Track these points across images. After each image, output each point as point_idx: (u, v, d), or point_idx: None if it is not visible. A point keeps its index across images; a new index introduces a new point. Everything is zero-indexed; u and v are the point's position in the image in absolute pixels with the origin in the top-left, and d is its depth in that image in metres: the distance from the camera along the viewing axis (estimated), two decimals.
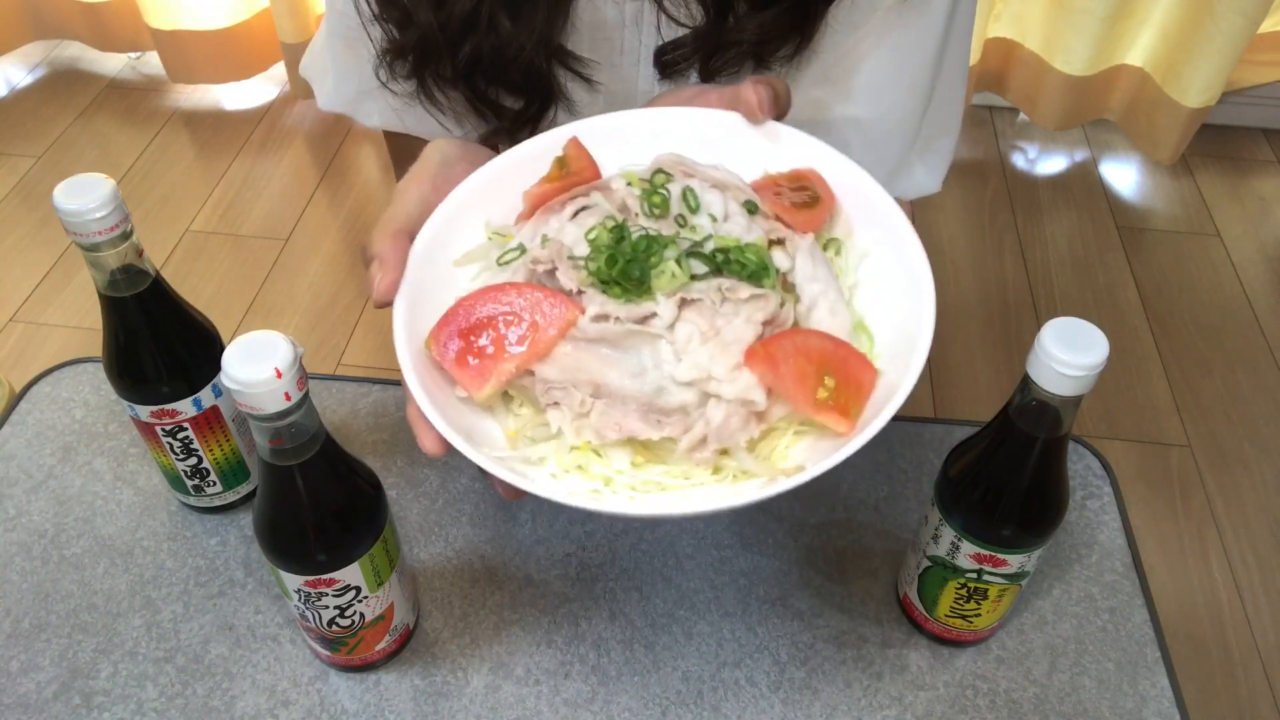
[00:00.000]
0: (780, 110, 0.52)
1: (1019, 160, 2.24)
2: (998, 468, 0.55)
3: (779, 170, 0.51)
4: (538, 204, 0.49)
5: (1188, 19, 1.95)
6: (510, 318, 0.44)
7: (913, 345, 0.43)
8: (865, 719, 0.61)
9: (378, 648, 0.61)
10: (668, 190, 0.47)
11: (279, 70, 2.33)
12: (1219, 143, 2.26)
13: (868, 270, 0.48)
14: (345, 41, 0.66)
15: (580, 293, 0.45)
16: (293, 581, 0.55)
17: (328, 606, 0.56)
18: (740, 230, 0.46)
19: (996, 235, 2.05)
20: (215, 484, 0.68)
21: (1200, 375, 1.78)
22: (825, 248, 0.49)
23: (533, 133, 0.64)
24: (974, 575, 0.58)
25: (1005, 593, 0.60)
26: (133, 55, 2.45)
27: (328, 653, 0.61)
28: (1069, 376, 0.48)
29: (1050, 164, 2.25)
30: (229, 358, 0.45)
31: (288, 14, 2.13)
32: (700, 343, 0.43)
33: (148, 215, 2.04)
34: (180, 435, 0.64)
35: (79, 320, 1.82)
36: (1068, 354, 0.47)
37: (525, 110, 0.64)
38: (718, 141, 0.52)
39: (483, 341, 0.44)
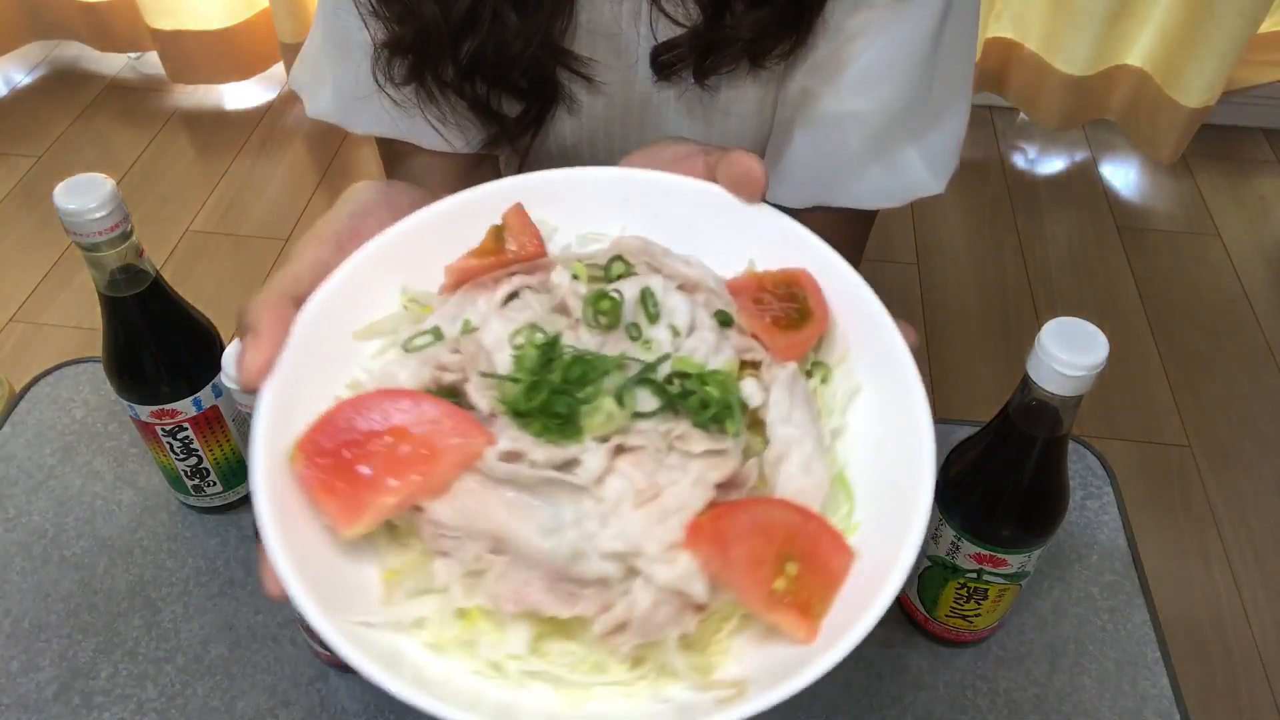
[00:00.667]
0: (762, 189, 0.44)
1: (1019, 160, 2.24)
2: (998, 468, 0.55)
3: (765, 267, 0.41)
4: (460, 280, 0.40)
5: (1188, 19, 1.95)
6: (400, 437, 0.34)
7: (906, 520, 0.33)
8: (865, 719, 0.61)
9: None
10: (620, 294, 0.37)
11: (279, 70, 2.33)
12: (1219, 143, 2.26)
13: (859, 409, 0.38)
14: (338, 47, 0.65)
15: (493, 416, 0.35)
16: None
17: None
18: (707, 349, 0.37)
19: (996, 235, 2.05)
20: (215, 484, 0.68)
21: (1200, 375, 1.78)
22: (810, 373, 0.39)
23: (534, 137, 0.64)
24: (974, 575, 0.58)
25: (1005, 593, 0.60)
26: (133, 55, 2.45)
27: (328, 653, 0.61)
28: (1069, 376, 0.48)
29: (1050, 164, 2.25)
30: (229, 358, 0.45)
31: (288, 14, 2.13)
32: (633, 505, 0.33)
33: (148, 215, 2.04)
34: (180, 435, 0.64)
35: (79, 320, 1.82)
36: (1068, 354, 0.47)
37: (526, 113, 0.63)
38: (695, 218, 0.42)
39: (361, 465, 0.33)
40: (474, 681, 0.33)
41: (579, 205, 0.42)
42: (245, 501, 0.71)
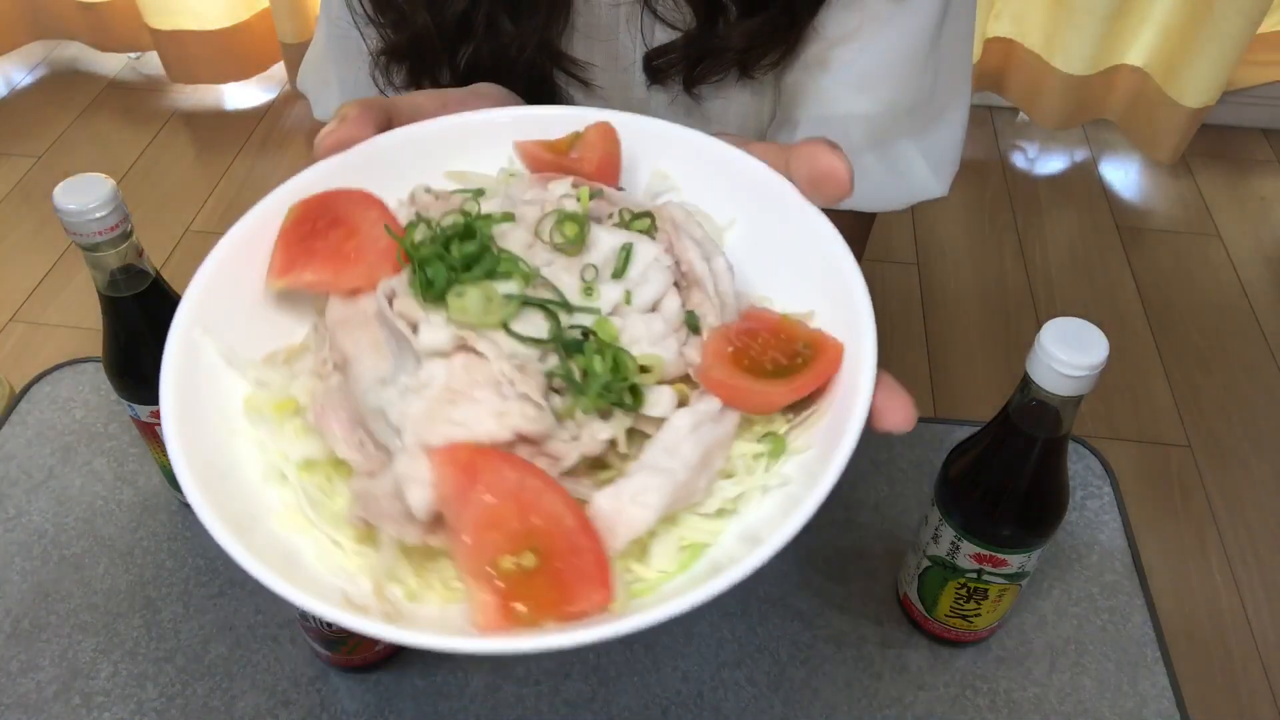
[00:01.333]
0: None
1: (1019, 160, 2.24)
2: (998, 468, 0.55)
3: (810, 314, 0.37)
4: (530, 160, 0.40)
5: (1188, 19, 1.95)
6: (351, 234, 0.36)
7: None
8: (865, 719, 0.61)
9: (378, 648, 0.61)
10: (584, 225, 0.35)
11: (279, 70, 2.33)
12: (1219, 143, 2.26)
13: (775, 501, 0.33)
14: (341, 51, 0.65)
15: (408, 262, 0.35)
16: None
17: None
18: (648, 336, 0.34)
19: (996, 235, 2.05)
20: None
21: (1200, 375, 1.78)
22: (759, 438, 0.35)
23: None
24: (974, 575, 0.58)
25: (1005, 593, 0.60)
26: (133, 55, 2.45)
27: (328, 653, 0.61)
28: (1069, 376, 0.48)
29: (1050, 164, 2.25)
30: None
31: (288, 14, 2.13)
32: (429, 397, 0.32)
33: (148, 215, 2.04)
34: None
35: (79, 320, 1.82)
36: (1068, 354, 0.47)
37: None
38: (762, 223, 0.39)
39: (316, 241, 0.36)
40: (251, 456, 0.34)
41: (652, 153, 0.41)
42: None
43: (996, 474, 0.55)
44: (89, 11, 2.28)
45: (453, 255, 0.34)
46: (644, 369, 0.33)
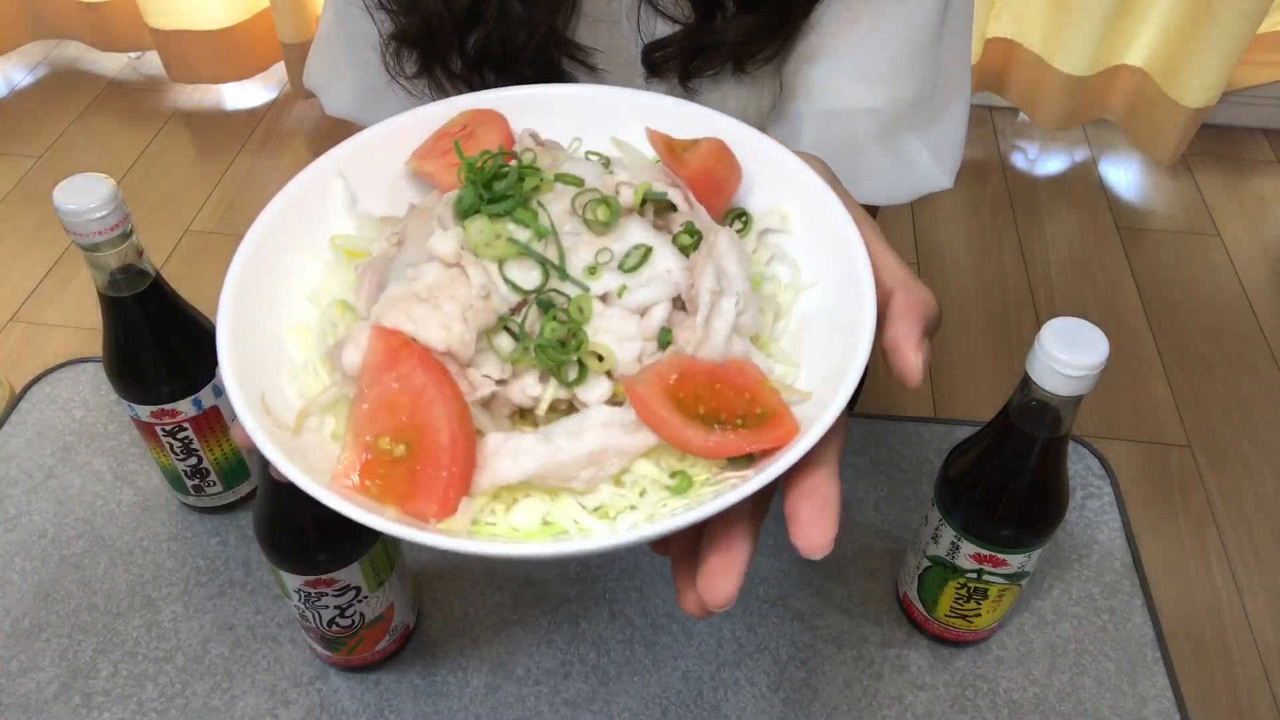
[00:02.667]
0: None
1: (1019, 160, 2.24)
2: (998, 468, 0.55)
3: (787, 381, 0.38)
4: (658, 144, 0.42)
5: (1188, 19, 1.95)
6: (466, 138, 0.42)
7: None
8: (865, 719, 0.61)
9: (378, 648, 0.61)
10: (614, 209, 0.37)
11: (279, 70, 2.33)
12: (1219, 143, 2.26)
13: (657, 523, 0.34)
14: (350, 43, 0.65)
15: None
16: (293, 581, 0.55)
17: (328, 606, 0.56)
18: (619, 331, 0.36)
19: (996, 235, 2.05)
20: (215, 484, 0.68)
21: (1200, 375, 1.78)
22: (671, 473, 0.36)
23: None
24: (974, 575, 0.58)
25: (1005, 593, 0.60)
26: (133, 55, 2.45)
27: (328, 653, 0.61)
28: (1069, 376, 0.48)
29: (1050, 164, 2.25)
30: None
31: (288, 14, 2.13)
32: (412, 289, 0.36)
33: (148, 215, 2.04)
34: (180, 435, 0.64)
35: (79, 320, 1.82)
36: (1068, 354, 0.47)
37: None
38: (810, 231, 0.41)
39: (451, 138, 0.42)
40: (287, 300, 0.40)
41: (777, 188, 0.42)
42: (245, 501, 0.71)
43: (996, 474, 0.55)
44: (89, 11, 2.28)
45: (493, 169, 0.38)
46: (599, 357, 0.36)
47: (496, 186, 0.37)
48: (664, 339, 0.37)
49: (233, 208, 2.07)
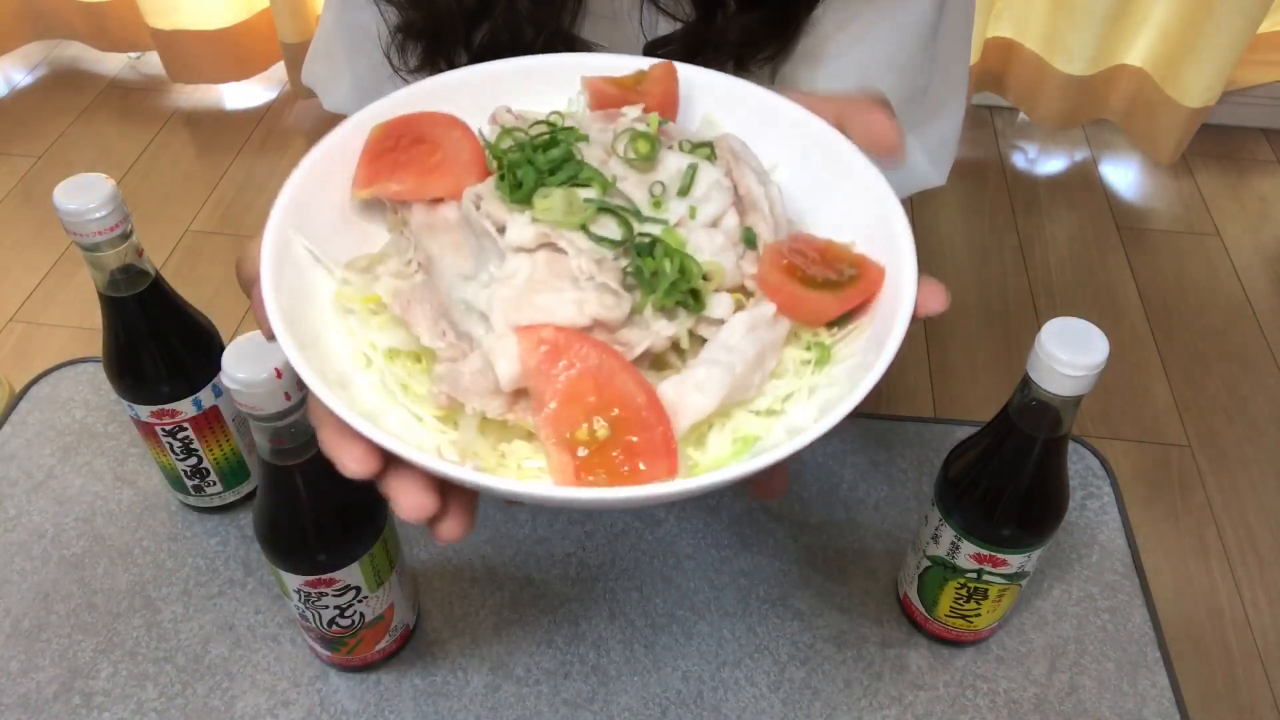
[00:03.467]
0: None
1: (1019, 160, 2.24)
2: (998, 468, 0.55)
3: (851, 244, 0.40)
4: (596, 94, 0.43)
5: (1188, 19, 1.95)
6: (433, 149, 0.39)
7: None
8: (865, 719, 0.61)
9: (378, 648, 0.61)
10: (655, 146, 0.39)
11: (279, 70, 2.33)
12: (1219, 143, 2.26)
13: (820, 400, 0.36)
14: (352, 39, 0.65)
15: (492, 173, 0.40)
16: (293, 581, 0.55)
17: (328, 606, 0.56)
18: (709, 245, 0.37)
19: (996, 235, 2.05)
20: (215, 484, 0.68)
21: (1200, 375, 1.78)
22: (807, 347, 0.38)
23: None
24: (974, 575, 0.58)
25: (1005, 593, 0.60)
26: (133, 55, 2.45)
27: (328, 653, 0.61)
28: (1069, 376, 0.48)
29: (1050, 164, 2.25)
30: (229, 358, 0.45)
31: (288, 14, 2.13)
32: (515, 286, 0.35)
33: (148, 215, 2.04)
34: (180, 435, 0.64)
35: (79, 320, 1.82)
36: (1068, 354, 0.47)
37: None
38: (810, 159, 0.42)
39: (399, 155, 0.40)
40: (339, 348, 0.37)
41: (705, 102, 0.44)
42: (245, 501, 0.71)
43: (996, 474, 0.55)
44: (89, 11, 2.28)
45: (540, 161, 0.37)
46: (705, 276, 0.36)
47: (552, 155, 0.37)
48: (749, 238, 0.38)
49: (233, 208, 2.07)
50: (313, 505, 0.53)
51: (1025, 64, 2.13)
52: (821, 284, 0.37)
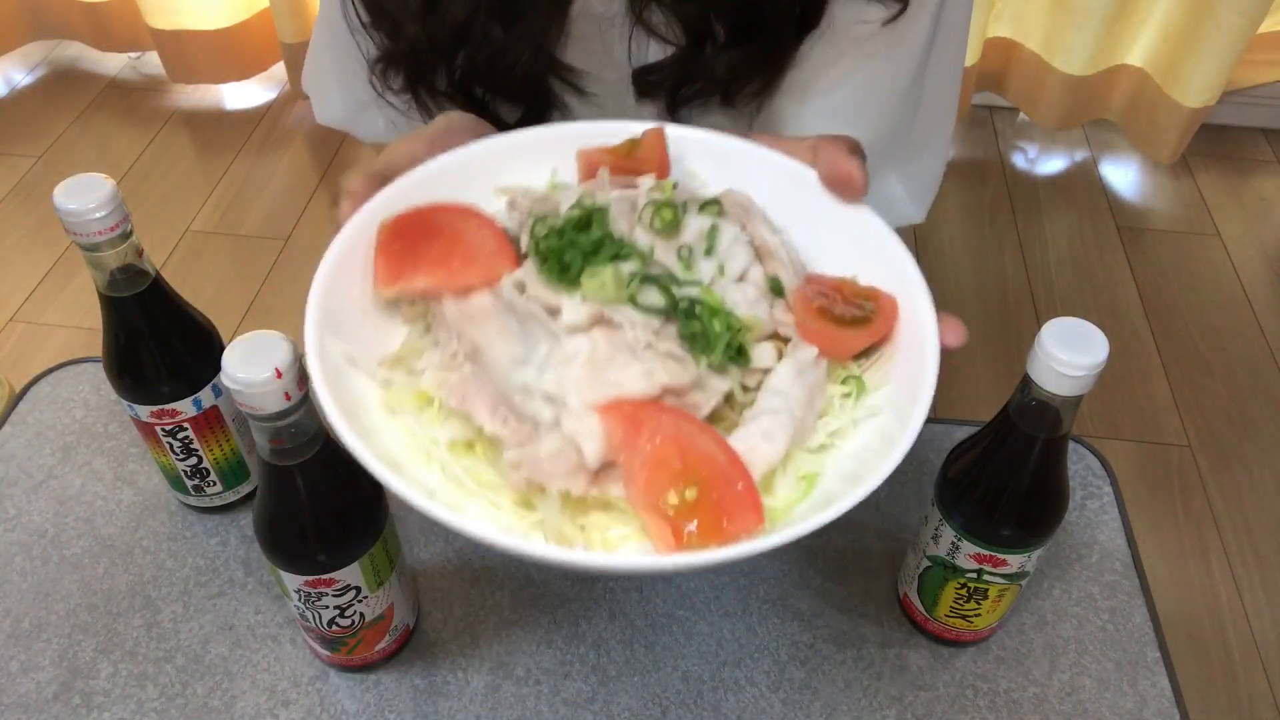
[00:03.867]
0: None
1: (1019, 160, 2.24)
2: (998, 468, 0.55)
3: (855, 278, 0.42)
4: (588, 162, 0.45)
5: (1188, 19, 1.95)
6: (455, 241, 0.40)
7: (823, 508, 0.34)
8: (865, 719, 0.61)
9: (378, 648, 0.61)
10: (679, 212, 0.40)
11: (279, 70, 2.33)
12: (1219, 143, 2.26)
13: (868, 431, 0.39)
14: (340, 56, 0.65)
15: (525, 256, 0.40)
16: (293, 581, 0.55)
17: (328, 606, 0.56)
18: (744, 301, 0.39)
19: (996, 235, 2.05)
20: (215, 484, 0.68)
21: (1200, 375, 1.78)
22: (843, 381, 0.40)
23: None
24: (974, 575, 0.58)
25: (1005, 593, 0.60)
26: (133, 55, 2.45)
27: (328, 653, 0.61)
28: (1069, 376, 0.48)
29: (1050, 164, 2.25)
30: (229, 358, 0.45)
31: (288, 14, 2.13)
32: (585, 364, 0.36)
33: (148, 215, 2.04)
34: (180, 435, 0.64)
35: (79, 320, 1.82)
36: (1068, 354, 0.47)
37: (523, 119, 0.64)
38: (799, 200, 0.44)
39: (418, 249, 0.40)
40: (401, 447, 0.37)
41: (689, 160, 0.45)
42: (245, 501, 0.71)
43: (996, 474, 0.55)
44: (89, 11, 2.28)
45: (582, 243, 0.38)
46: (748, 329, 0.38)
47: (593, 235, 0.39)
48: (775, 287, 0.40)
49: (233, 208, 2.07)
50: (313, 505, 0.53)
51: (1025, 64, 2.13)
52: (850, 321, 0.39)
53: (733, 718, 0.61)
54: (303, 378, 0.47)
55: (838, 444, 0.39)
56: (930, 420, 0.78)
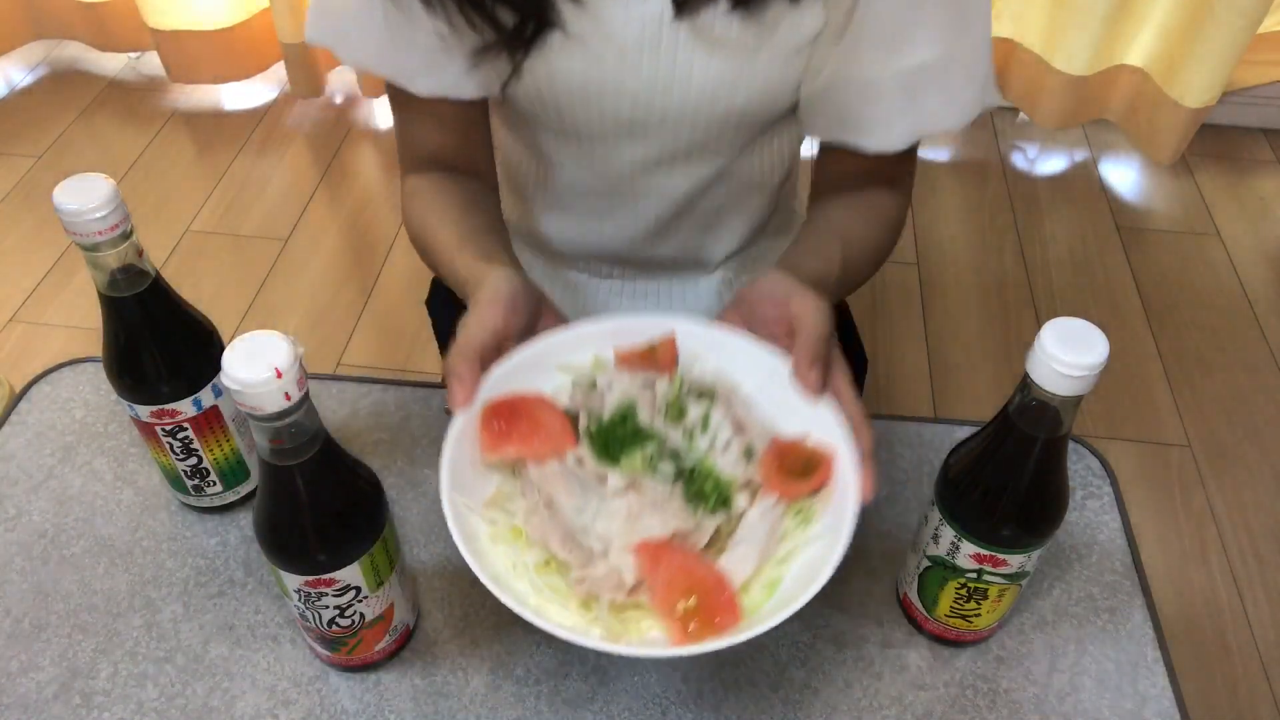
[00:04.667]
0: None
1: (1019, 160, 2.24)
2: (998, 468, 0.55)
3: (811, 436, 0.56)
4: (621, 358, 0.60)
5: (1188, 19, 1.95)
6: (534, 424, 0.56)
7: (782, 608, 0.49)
8: (865, 719, 0.61)
9: (378, 648, 0.61)
10: (684, 405, 0.57)
11: (279, 70, 2.33)
12: (1219, 143, 2.26)
13: (812, 549, 0.53)
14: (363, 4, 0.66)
15: (582, 435, 0.56)
16: (293, 581, 0.55)
17: (328, 606, 0.56)
18: (728, 464, 0.55)
19: (996, 235, 2.05)
20: (215, 484, 0.68)
21: (1200, 375, 1.78)
22: (796, 513, 0.55)
23: (526, 52, 0.66)
24: (974, 575, 0.58)
25: (1005, 593, 0.60)
26: (133, 55, 2.45)
27: (328, 653, 0.61)
28: (1069, 377, 0.48)
29: (1050, 164, 2.25)
30: (229, 358, 0.45)
31: (288, 14, 2.13)
32: (624, 518, 0.53)
33: (148, 215, 2.05)
34: (180, 435, 0.64)
35: (79, 320, 1.82)
36: (1068, 354, 0.47)
37: (520, 29, 0.64)
38: (770, 383, 0.58)
39: (510, 428, 0.55)
40: (503, 566, 0.52)
41: (693, 346, 0.61)
42: (245, 501, 0.71)
43: (996, 474, 0.55)
44: (89, 11, 2.28)
45: (619, 433, 0.55)
46: (731, 484, 0.55)
47: (629, 428, 0.56)
48: (749, 452, 0.56)
49: (233, 208, 2.08)
50: (313, 505, 0.53)
51: (1025, 64, 2.13)
52: (799, 472, 0.54)
53: (733, 718, 0.61)
54: (302, 378, 0.47)
55: (792, 558, 0.53)
56: (930, 420, 0.79)
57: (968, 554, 0.57)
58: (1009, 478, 0.55)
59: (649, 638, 0.50)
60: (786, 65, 0.67)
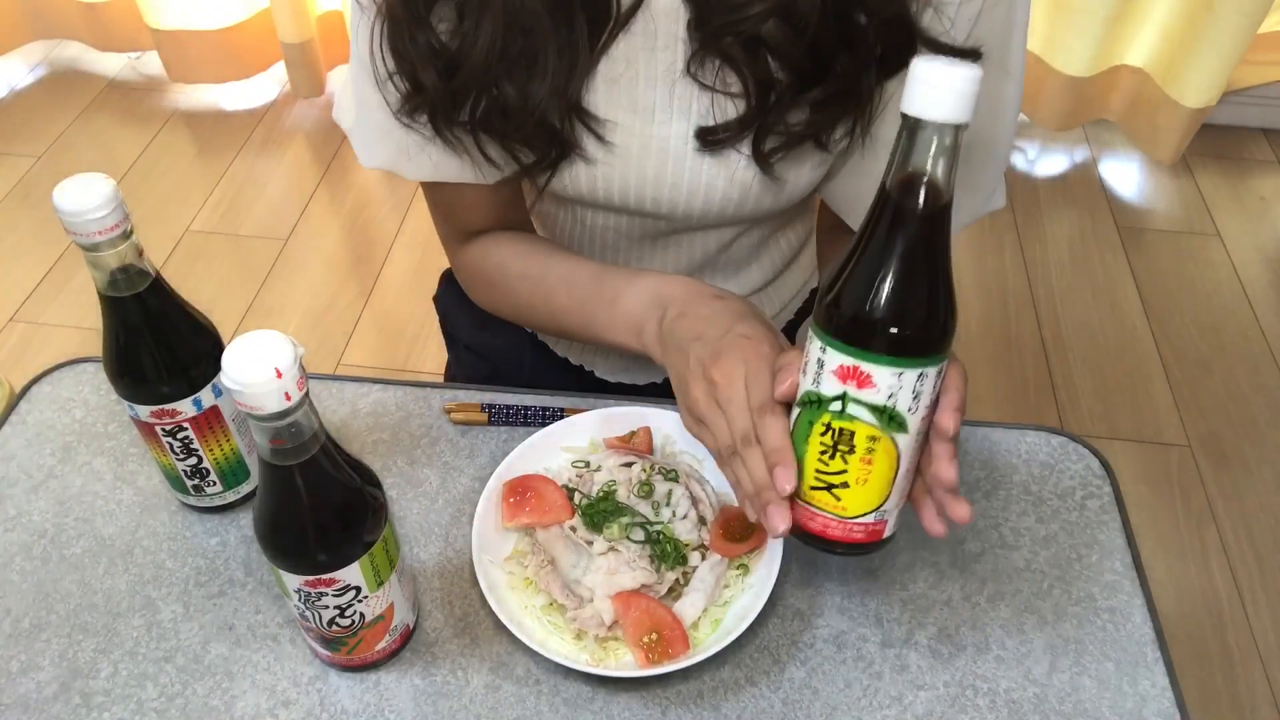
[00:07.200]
0: None
1: (1019, 160, 2.24)
2: (871, 254, 0.48)
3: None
4: (609, 444, 0.74)
5: (1188, 19, 1.95)
6: (540, 497, 0.70)
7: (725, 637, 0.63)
8: (865, 719, 0.61)
9: (378, 648, 0.61)
10: (652, 484, 0.70)
11: (279, 70, 2.34)
12: (1219, 143, 2.26)
13: (748, 594, 0.66)
14: (378, 120, 0.68)
15: (576, 508, 0.70)
16: (293, 581, 0.55)
17: (328, 606, 0.56)
18: (684, 530, 0.68)
19: (996, 235, 2.05)
20: (215, 484, 0.68)
21: (1200, 375, 1.78)
22: (737, 567, 0.67)
23: (549, 180, 0.70)
24: (838, 409, 0.51)
25: (876, 449, 0.51)
26: (133, 55, 2.45)
27: (328, 653, 0.61)
28: (943, 92, 0.44)
29: (1050, 164, 2.25)
30: (229, 358, 0.45)
31: (288, 14, 2.14)
32: (604, 572, 0.66)
33: (148, 215, 2.05)
34: (180, 435, 0.64)
35: (79, 320, 1.83)
36: (938, 69, 0.44)
37: (540, 160, 0.67)
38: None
39: (523, 501, 0.69)
40: (517, 608, 0.65)
41: (668, 428, 0.75)
42: (245, 501, 0.71)
43: (869, 261, 0.48)
44: (89, 11, 2.28)
45: (602, 508, 0.68)
46: (687, 545, 0.68)
47: (610, 504, 0.69)
48: (702, 520, 0.69)
49: (233, 208, 2.08)
50: (313, 505, 0.53)
51: (1026, 65, 2.13)
52: (739, 537, 0.67)
53: (733, 718, 0.61)
54: (302, 378, 0.47)
55: (732, 602, 0.66)
56: None
57: (831, 371, 0.50)
58: (881, 263, 0.48)
59: (623, 662, 0.63)
60: (813, 173, 0.69)
